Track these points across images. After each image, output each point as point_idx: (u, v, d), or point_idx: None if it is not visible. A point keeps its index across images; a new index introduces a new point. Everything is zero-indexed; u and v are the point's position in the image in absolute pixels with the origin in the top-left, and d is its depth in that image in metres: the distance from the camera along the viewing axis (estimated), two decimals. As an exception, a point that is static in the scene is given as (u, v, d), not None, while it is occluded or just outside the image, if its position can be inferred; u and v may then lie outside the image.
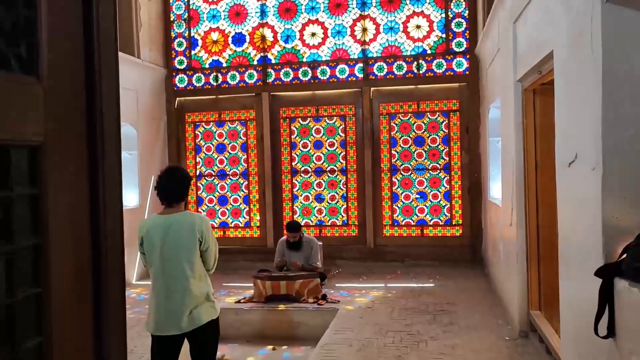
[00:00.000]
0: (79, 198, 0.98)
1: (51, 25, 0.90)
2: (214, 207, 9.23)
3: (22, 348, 0.85)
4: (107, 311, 1.01)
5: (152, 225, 3.70)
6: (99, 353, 1.02)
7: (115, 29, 1.10)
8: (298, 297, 6.62)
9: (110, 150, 1.04)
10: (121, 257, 1.06)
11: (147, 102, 8.60)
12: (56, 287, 0.89)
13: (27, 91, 0.85)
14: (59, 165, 0.91)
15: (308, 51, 8.80)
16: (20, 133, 0.83)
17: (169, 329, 3.62)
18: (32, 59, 0.87)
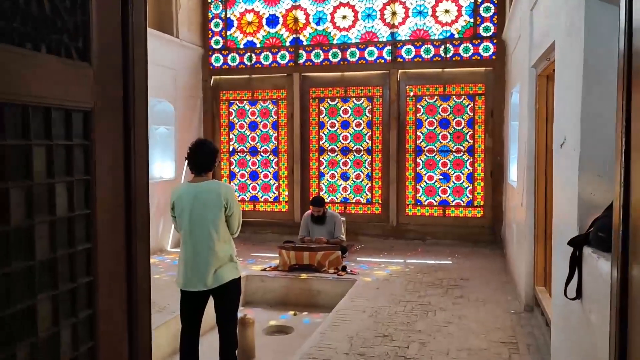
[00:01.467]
0: (116, 150, 1.36)
1: (99, 25, 1.27)
2: (245, 182, 9.69)
3: (79, 283, 1.24)
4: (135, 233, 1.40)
5: (183, 192, 4.12)
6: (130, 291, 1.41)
7: (145, 25, 1.47)
8: (319, 267, 7.03)
9: (140, 116, 1.42)
10: (147, 193, 1.44)
11: (184, 80, 9.06)
12: (100, 209, 1.28)
13: (83, 73, 1.23)
14: (102, 125, 1.29)
15: (338, 33, 9.09)
16: (77, 102, 1.21)
17: (196, 285, 4.06)
18: (86, 50, 1.24)
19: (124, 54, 1.36)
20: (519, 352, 4.32)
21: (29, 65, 1.08)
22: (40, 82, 1.11)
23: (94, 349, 1.29)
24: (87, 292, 1.27)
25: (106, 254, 1.31)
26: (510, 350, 4.36)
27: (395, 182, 8.95)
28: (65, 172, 1.18)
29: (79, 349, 1.24)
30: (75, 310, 1.23)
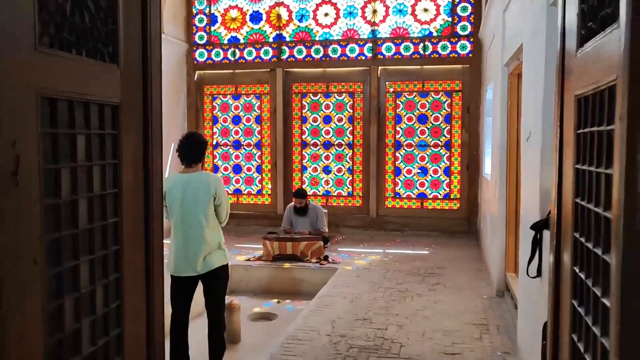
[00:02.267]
0: (137, 140, 1.59)
1: (125, 33, 1.50)
2: (228, 175, 9.89)
3: (110, 280, 1.47)
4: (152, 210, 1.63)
5: (174, 182, 4.33)
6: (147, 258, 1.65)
7: (160, 31, 1.70)
8: (302, 257, 7.29)
9: (156, 112, 1.65)
10: (161, 177, 1.68)
11: (169, 74, 9.21)
12: (125, 189, 1.51)
13: (112, 73, 1.46)
14: (127, 117, 1.53)
15: (321, 30, 9.32)
16: (109, 97, 1.44)
17: (186, 271, 4.27)
18: (115, 54, 1.47)
19: (143, 57, 1.59)
20: (489, 332, 4.63)
21: (74, 67, 1.31)
22: (82, 81, 1.34)
23: (120, 306, 1.53)
24: (115, 259, 1.50)
25: (130, 227, 1.55)
26: (481, 331, 4.67)
27: (375, 175, 9.24)
28: (99, 156, 1.42)
29: (109, 306, 1.48)
30: (106, 273, 1.47)
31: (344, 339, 4.54)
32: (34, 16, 1.17)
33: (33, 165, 1.16)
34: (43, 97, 1.21)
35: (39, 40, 1.19)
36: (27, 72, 1.15)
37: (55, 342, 1.27)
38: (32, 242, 1.17)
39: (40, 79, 1.19)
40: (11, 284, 1.12)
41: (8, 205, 1.10)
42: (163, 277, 1.71)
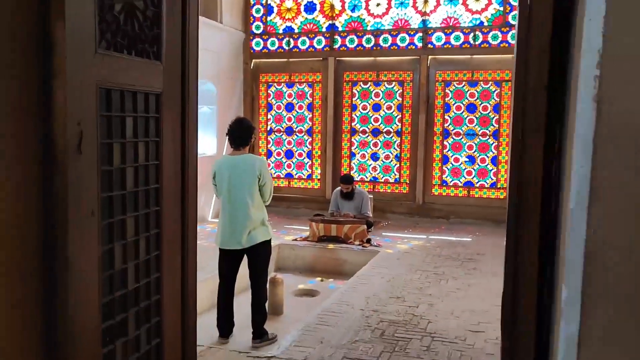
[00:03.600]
0: (175, 122, 1.96)
1: (167, 35, 1.86)
2: (281, 160, 10.32)
3: (152, 233, 1.84)
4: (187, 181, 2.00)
5: (223, 163, 4.75)
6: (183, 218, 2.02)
7: (196, 31, 2.06)
8: (346, 239, 7.62)
9: (192, 100, 2.01)
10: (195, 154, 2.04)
11: (226, 62, 9.69)
12: (165, 162, 1.89)
13: (157, 69, 1.82)
14: (168, 104, 1.89)
15: (372, 20, 9.53)
16: (153, 87, 1.81)
17: (232, 244, 4.69)
18: (159, 53, 1.83)
19: (182, 55, 1.95)
20: (517, 315, 4.80)
21: (125, 64, 1.68)
22: (132, 75, 1.71)
23: (159, 256, 1.91)
24: (155, 217, 1.88)
25: (168, 192, 1.92)
26: (509, 313, 4.85)
27: (422, 163, 9.41)
28: (144, 135, 1.79)
29: (150, 254, 1.86)
30: (148, 228, 1.85)
31: (376, 314, 4.85)
32: (94, 26, 1.54)
33: (93, 139, 1.54)
34: (101, 87, 1.58)
35: (99, 45, 1.56)
36: (90, 69, 1.53)
37: (107, 277, 1.65)
38: (91, 198, 1.55)
39: (99, 74, 1.57)
40: (75, 229, 1.51)
41: (74, 169, 1.48)
42: (196, 233, 2.09)
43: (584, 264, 0.83)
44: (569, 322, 0.87)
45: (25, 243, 1.44)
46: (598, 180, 0.81)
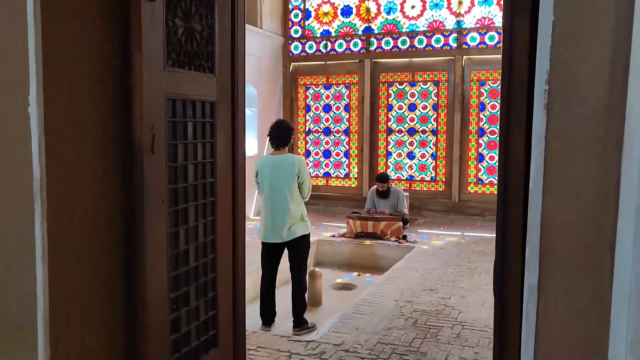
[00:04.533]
0: (227, 126, 2.29)
1: (219, 52, 2.19)
2: (319, 160, 10.65)
3: (208, 220, 2.18)
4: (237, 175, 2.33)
5: (264, 163, 5.09)
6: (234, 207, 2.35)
7: (244, 47, 2.38)
8: (382, 235, 7.88)
9: (240, 106, 2.34)
10: (244, 153, 2.37)
11: (266, 66, 10.09)
12: (219, 159, 2.22)
13: (211, 81, 2.16)
14: (221, 111, 2.22)
15: (407, 22, 9.75)
16: (208, 97, 2.14)
17: (274, 238, 5.02)
18: (212, 67, 2.17)
19: (232, 68, 2.28)
20: (547, 306, 4.97)
21: (186, 78, 2.02)
22: (191, 87, 2.05)
23: (214, 239, 2.24)
24: (211, 207, 2.21)
25: (221, 185, 2.26)
26: (539, 305, 5.02)
27: (458, 161, 9.57)
28: (202, 137, 2.13)
29: (207, 237, 2.19)
30: (205, 216, 2.18)
31: (410, 304, 5.10)
32: (163, 47, 1.88)
33: (162, 140, 1.88)
34: (168, 98, 1.92)
35: (166, 62, 1.90)
36: (159, 82, 1.87)
37: (174, 254, 1.99)
38: (161, 189, 1.90)
39: (166, 87, 1.91)
40: (149, 214, 1.85)
41: (149, 165, 1.82)
42: (244, 222, 2.41)
43: (540, 231, 1.08)
44: (530, 272, 1.12)
45: (112, 222, 1.79)
46: (548, 168, 1.06)
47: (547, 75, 1.04)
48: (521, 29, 1.24)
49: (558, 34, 1.02)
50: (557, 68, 1.02)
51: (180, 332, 2.03)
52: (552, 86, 1.03)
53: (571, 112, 1.01)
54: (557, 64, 1.02)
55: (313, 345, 4.17)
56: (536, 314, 1.08)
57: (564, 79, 1.02)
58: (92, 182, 1.73)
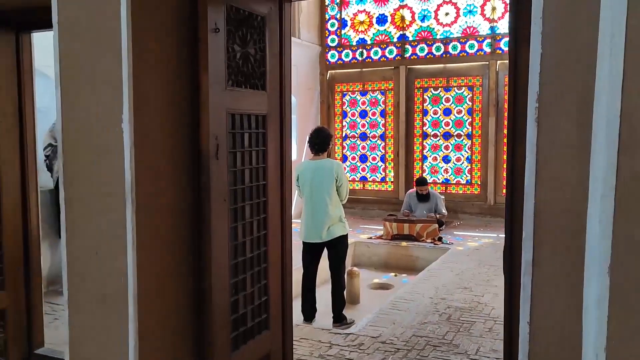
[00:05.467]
0: (276, 135, 2.63)
1: (270, 73, 2.53)
2: (355, 164, 10.94)
3: (261, 217, 2.51)
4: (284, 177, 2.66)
5: (305, 167, 5.43)
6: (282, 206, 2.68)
7: (290, 67, 2.72)
8: (418, 237, 8.12)
9: (287, 119, 2.68)
10: (290, 158, 2.70)
11: (304, 74, 10.46)
12: (270, 165, 2.56)
13: (263, 97, 2.50)
14: (271, 123, 2.56)
15: (441, 29, 9.98)
16: (260, 111, 2.49)
17: (314, 238, 5.35)
18: (264, 85, 2.51)
19: (280, 85, 2.62)
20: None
21: (243, 95, 2.37)
22: (247, 103, 2.39)
23: (266, 234, 2.58)
24: (263, 206, 2.55)
25: (272, 187, 2.60)
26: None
27: (493, 164, 9.72)
28: (255, 145, 2.47)
29: (260, 232, 2.53)
30: (259, 213, 2.52)
31: (444, 301, 5.35)
32: (225, 70, 2.23)
33: (224, 149, 2.23)
34: (228, 112, 2.27)
35: (227, 83, 2.25)
36: (222, 99, 2.22)
37: (233, 246, 2.34)
38: (223, 189, 2.24)
39: (228, 103, 2.25)
40: (214, 211, 2.19)
41: (214, 169, 2.17)
42: (291, 220, 2.75)
43: (534, 218, 1.35)
44: (526, 251, 1.38)
45: (183, 216, 2.14)
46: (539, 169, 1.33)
47: (537, 96, 1.31)
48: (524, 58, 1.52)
49: (545, 63, 1.30)
50: (544, 90, 1.30)
51: (238, 313, 2.37)
52: (541, 104, 1.30)
53: (555, 125, 1.29)
54: (544, 87, 1.30)
55: (352, 337, 4.47)
56: (531, 284, 1.36)
57: (551, 99, 1.30)
58: (169, 185, 2.08)
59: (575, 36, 1.25)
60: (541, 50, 1.31)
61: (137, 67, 1.90)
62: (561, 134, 1.28)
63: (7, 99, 3.29)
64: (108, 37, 1.90)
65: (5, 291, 3.33)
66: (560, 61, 1.30)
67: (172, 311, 2.12)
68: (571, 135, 1.26)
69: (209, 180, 2.13)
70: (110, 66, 1.89)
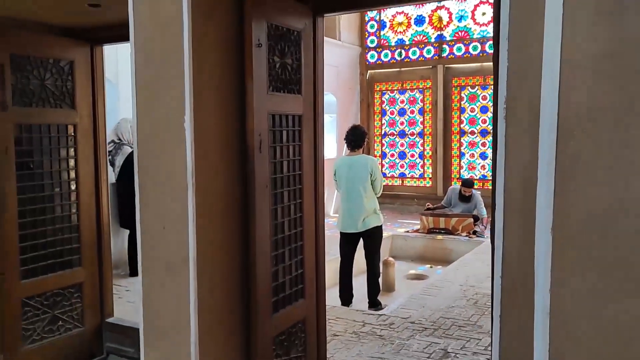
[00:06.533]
0: (310, 133, 3.07)
1: (305, 79, 2.98)
2: (394, 161, 11.29)
3: (297, 202, 2.96)
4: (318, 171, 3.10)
5: (342, 162, 5.87)
6: (316, 192, 3.12)
7: (322, 72, 3.15)
8: (453, 231, 8.42)
9: (320, 119, 3.11)
10: (323, 153, 3.14)
11: (344, 75, 10.89)
12: (305, 158, 3.00)
13: (299, 100, 2.94)
14: (306, 122, 3.00)
15: (478, 29, 10.21)
16: (297, 112, 2.93)
17: (350, 229, 5.78)
18: (300, 89, 2.95)
19: (314, 90, 3.06)
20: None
21: (281, 99, 2.82)
22: (285, 105, 2.84)
23: (301, 217, 3.02)
24: (299, 192, 2.99)
25: (307, 176, 3.04)
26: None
27: (530, 160, 9.88)
28: (292, 140, 2.92)
29: (296, 214, 2.98)
30: (295, 198, 2.96)
31: (473, 288, 5.67)
32: (267, 78, 2.68)
33: (266, 144, 2.68)
34: (269, 113, 2.72)
35: (268, 89, 2.70)
36: (264, 103, 2.67)
37: (273, 225, 2.79)
38: (266, 177, 2.69)
39: (269, 106, 2.71)
40: (258, 195, 2.65)
41: (258, 160, 2.62)
42: (323, 204, 3.18)
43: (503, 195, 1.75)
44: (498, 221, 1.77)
45: (233, 199, 2.61)
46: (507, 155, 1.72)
47: (505, 98, 1.69)
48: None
49: (510, 72, 1.67)
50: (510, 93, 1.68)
51: (278, 282, 2.82)
52: (508, 105, 1.68)
53: (518, 120, 1.67)
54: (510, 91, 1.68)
55: (384, 317, 4.87)
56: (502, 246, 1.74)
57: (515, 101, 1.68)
58: (221, 172, 2.55)
59: (528, 51, 1.63)
60: (507, 63, 1.69)
61: (196, 78, 2.37)
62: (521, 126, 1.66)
63: (84, 103, 3.86)
64: (173, 54, 2.38)
65: (82, 267, 3.90)
66: (520, 70, 1.69)
67: (224, 277, 2.59)
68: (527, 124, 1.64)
69: (254, 169, 2.58)
70: (175, 77, 2.37)
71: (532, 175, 1.59)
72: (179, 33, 2.36)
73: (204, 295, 2.47)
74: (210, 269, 2.50)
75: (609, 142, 1.49)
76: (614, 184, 1.50)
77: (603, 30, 1.46)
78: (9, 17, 3.38)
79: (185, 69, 2.34)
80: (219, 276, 2.56)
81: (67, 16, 3.52)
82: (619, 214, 1.50)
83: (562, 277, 1.56)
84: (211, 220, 2.50)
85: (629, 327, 1.52)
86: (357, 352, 4.07)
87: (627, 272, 1.51)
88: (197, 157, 2.40)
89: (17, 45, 3.44)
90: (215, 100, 2.51)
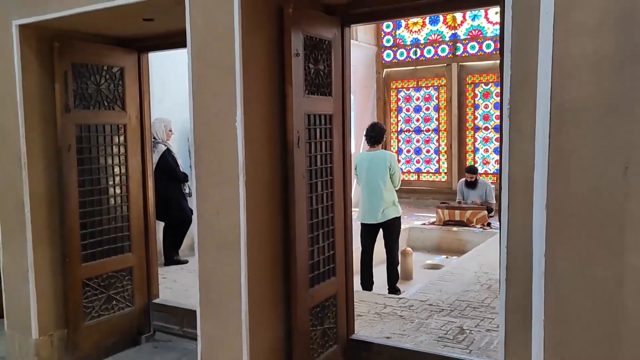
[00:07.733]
0: (339, 130, 3.46)
1: (334, 82, 3.37)
2: (410, 157, 11.65)
3: (329, 191, 3.36)
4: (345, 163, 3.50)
5: (362, 157, 6.26)
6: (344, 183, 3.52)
7: (349, 76, 3.55)
8: (468, 223, 8.77)
9: (347, 117, 3.51)
10: (350, 148, 3.53)
11: (361, 73, 11.26)
12: (335, 152, 3.40)
13: (329, 101, 3.34)
14: (335, 121, 3.40)
15: (492, 27, 10.51)
16: (328, 111, 3.33)
17: (370, 219, 6.16)
18: (329, 92, 3.35)
19: (342, 92, 3.45)
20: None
21: (315, 100, 3.22)
22: (319, 106, 3.24)
23: (332, 205, 3.42)
24: (330, 182, 3.39)
25: (336, 168, 3.43)
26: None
27: (542, 155, 10.18)
28: (324, 137, 3.32)
29: (328, 202, 3.38)
30: (327, 188, 3.36)
31: (486, 275, 6.03)
32: (303, 82, 3.08)
33: (303, 140, 3.08)
34: (305, 113, 3.12)
35: (304, 92, 3.10)
36: (301, 104, 3.07)
37: (309, 210, 3.19)
38: (303, 169, 3.10)
39: (305, 107, 3.11)
40: (296, 184, 3.05)
41: (296, 155, 3.02)
42: (351, 194, 3.58)
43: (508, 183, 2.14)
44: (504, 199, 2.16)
45: (275, 187, 3.02)
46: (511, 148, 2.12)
47: (509, 100, 2.08)
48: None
49: (513, 79, 2.05)
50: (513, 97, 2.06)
51: (314, 260, 3.22)
52: (511, 107, 2.06)
53: (520, 118, 2.05)
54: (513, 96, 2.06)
55: (403, 300, 5.26)
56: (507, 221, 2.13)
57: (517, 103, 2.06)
58: (265, 164, 2.96)
59: (527, 61, 2.02)
60: (510, 72, 2.07)
61: (245, 82, 2.78)
62: (524, 123, 2.04)
63: (132, 105, 4.29)
64: (225, 61, 2.79)
65: (132, 253, 4.34)
66: (520, 77, 2.07)
67: (269, 255, 3.01)
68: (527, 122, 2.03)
69: (293, 162, 2.99)
70: (227, 82, 2.78)
71: (530, 163, 1.98)
72: (231, 44, 2.77)
73: (253, 271, 2.88)
74: (257, 249, 2.91)
75: (592, 135, 1.88)
76: (596, 168, 1.88)
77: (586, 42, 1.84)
78: (73, 30, 3.81)
79: (236, 76, 2.75)
80: (264, 255, 2.97)
81: (120, 28, 3.96)
82: (601, 192, 1.88)
83: (555, 245, 1.95)
84: (258, 205, 2.91)
85: (611, 284, 1.91)
86: (380, 329, 4.46)
87: (607, 240, 1.89)
88: (246, 151, 2.81)
89: (78, 55, 3.88)
90: (261, 102, 2.92)
